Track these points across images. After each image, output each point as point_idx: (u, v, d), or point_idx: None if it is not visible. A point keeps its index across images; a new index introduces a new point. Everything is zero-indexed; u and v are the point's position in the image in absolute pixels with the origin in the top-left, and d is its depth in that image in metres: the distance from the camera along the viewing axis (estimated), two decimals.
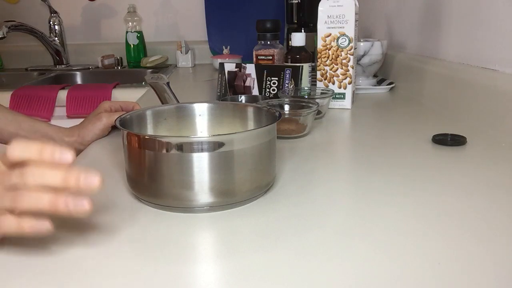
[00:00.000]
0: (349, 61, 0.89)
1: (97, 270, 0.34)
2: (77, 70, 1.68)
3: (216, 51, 1.77)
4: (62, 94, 1.22)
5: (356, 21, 0.87)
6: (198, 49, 1.80)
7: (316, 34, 0.90)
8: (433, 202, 0.45)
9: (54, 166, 0.34)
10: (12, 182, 0.34)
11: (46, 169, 0.34)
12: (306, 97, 0.85)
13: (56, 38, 1.71)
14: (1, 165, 0.36)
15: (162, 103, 0.65)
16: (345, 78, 0.90)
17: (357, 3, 0.87)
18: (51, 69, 1.68)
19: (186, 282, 0.33)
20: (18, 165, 0.35)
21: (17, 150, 0.35)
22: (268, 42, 1.04)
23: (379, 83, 1.13)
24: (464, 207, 0.44)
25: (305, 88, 0.89)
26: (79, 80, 1.67)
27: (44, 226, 0.34)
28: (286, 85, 0.88)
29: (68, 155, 0.35)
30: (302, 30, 1.44)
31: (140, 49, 1.74)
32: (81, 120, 0.74)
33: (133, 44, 1.73)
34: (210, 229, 0.41)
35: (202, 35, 1.82)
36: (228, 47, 1.66)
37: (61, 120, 1.20)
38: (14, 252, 0.37)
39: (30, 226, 0.34)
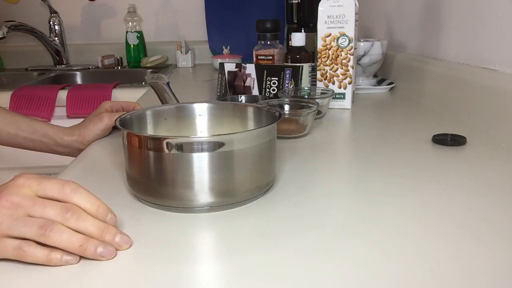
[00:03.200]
0: (349, 61, 0.89)
1: (97, 270, 0.34)
2: (77, 70, 1.68)
3: (216, 51, 1.77)
4: (62, 94, 1.22)
5: (356, 21, 0.87)
6: (198, 49, 1.80)
7: (316, 34, 0.90)
8: (433, 202, 0.45)
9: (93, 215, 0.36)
10: (45, 214, 0.34)
11: (89, 217, 0.36)
12: (306, 97, 0.85)
13: (56, 38, 1.71)
14: (30, 190, 0.35)
15: (162, 103, 0.65)
16: (345, 78, 0.90)
17: (357, 3, 0.87)
18: (51, 69, 1.68)
19: (186, 282, 0.33)
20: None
21: (79, 195, 0.36)
22: (268, 42, 1.04)
23: (379, 83, 1.13)
24: (464, 207, 0.44)
25: (305, 88, 0.89)
26: (79, 80, 1.67)
27: (72, 259, 0.35)
28: (286, 85, 0.88)
29: (115, 219, 0.38)
30: (302, 30, 1.44)
31: (140, 49, 1.74)
32: (81, 120, 0.74)
33: (133, 44, 1.73)
34: (210, 229, 0.41)
35: (202, 35, 1.82)
36: (228, 47, 1.66)
37: (61, 120, 1.20)
38: None
39: (59, 259, 0.34)
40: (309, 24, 1.49)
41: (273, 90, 0.89)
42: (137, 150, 0.44)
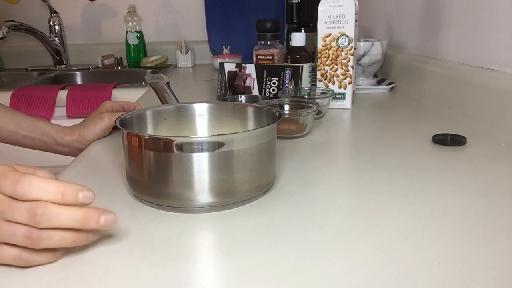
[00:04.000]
0: (349, 61, 0.89)
1: (96, 270, 0.34)
2: (77, 70, 1.68)
3: (216, 51, 1.77)
4: (62, 94, 1.22)
5: (356, 21, 0.87)
6: (198, 49, 1.80)
7: (316, 34, 0.90)
8: (433, 202, 0.45)
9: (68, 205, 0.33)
10: (19, 219, 0.32)
11: (62, 211, 0.33)
12: (306, 97, 0.85)
13: (56, 38, 1.71)
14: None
15: (162, 103, 0.65)
16: (345, 78, 0.89)
17: (357, 3, 0.87)
18: (51, 69, 1.68)
19: (186, 282, 0.33)
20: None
21: (35, 189, 0.32)
22: (268, 42, 1.04)
23: (379, 83, 1.13)
24: (464, 207, 0.44)
25: (305, 88, 0.89)
26: (79, 80, 1.67)
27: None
28: (286, 85, 0.88)
29: (90, 194, 0.34)
30: (302, 30, 1.44)
31: (140, 49, 1.74)
32: (81, 120, 0.74)
33: (133, 44, 1.73)
34: (210, 229, 0.41)
35: (202, 35, 1.82)
36: (228, 47, 1.66)
37: (61, 120, 1.20)
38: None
39: (31, 261, 0.34)
40: (309, 24, 1.49)
41: (273, 90, 0.89)
42: (137, 150, 0.44)
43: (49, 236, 0.33)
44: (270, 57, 1.03)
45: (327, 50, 0.89)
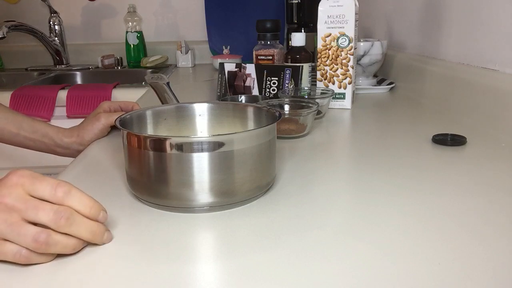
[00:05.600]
0: (349, 61, 0.89)
1: (97, 270, 0.34)
2: (77, 70, 1.68)
3: (216, 51, 1.77)
4: (62, 94, 1.22)
5: (356, 21, 0.87)
6: (198, 49, 1.80)
7: (316, 34, 0.90)
8: (433, 202, 0.45)
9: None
10: (42, 219, 0.34)
11: (82, 221, 0.36)
12: (306, 97, 0.85)
13: (56, 38, 1.71)
14: (22, 190, 0.35)
15: (162, 103, 0.65)
16: (345, 78, 0.89)
17: (357, 3, 0.87)
18: (51, 69, 1.68)
19: (186, 282, 0.33)
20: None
21: (72, 197, 0.36)
22: (268, 42, 1.04)
23: (379, 83, 1.13)
24: (464, 207, 0.44)
25: (305, 88, 0.89)
26: (79, 80, 1.67)
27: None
28: (286, 85, 0.88)
29: (106, 216, 0.38)
30: (302, 30, 1.44)
31: (140, 49, 1.74)
32: (81, 120, 0.74)
33: (133, 44, 1.73)
34: (210, 229, 0.41)
35: (202, 35, 1.82)
36: (228, 47, 1.66)
37: (61, 120, 1.20)
38: None
39: (31, 260, 0.35)
40: (309, 24, 1.49)
41: (273, 90, 0.89)
42: (137, 150, 0.44)
43: (55, 242, 0.34)
44: (270, 57, 1.03)
45: (327, 50, 0.89)
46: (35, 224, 0.34)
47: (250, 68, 0.91)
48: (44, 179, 0.36)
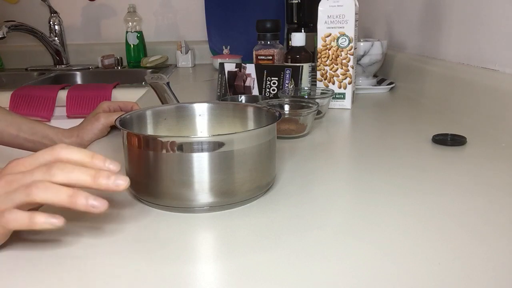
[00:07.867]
0: (349, 61, 0.89)
1: (97, 270, 0.34)
2: (77, 70, 1.68)
3: (216, 51, 1.77)
4: (62, 94, 1.22)
5: (356, 21, 0.87)
6: (198, 49, 1.80)
7: (316, 34, 0.90)
8: (433, 202, 0.45)
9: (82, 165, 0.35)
10: (34, 178, 0.34)
11: (76, 167, 0.35)
12: (306, 97, 0.85)
13: (56, 38, 1.71)
14: (23, 167, 0.36)
15: (162, 103, 0.65)
16: (345, 78, 0.89)
17: (357, 3, 0.87)
18: (51, 69, 1.68)
19: (186, 282, 0.33)
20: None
21: (65, 152, 0.36)
22: (268, 42, 1.04)
23: (379, 83, 1.13)
24: (464, 207, 0.44)
25: (305, 88, 0.89)
26: (79, 80, 1.67)
27: (57, 221, 0.34)
28: (286, 85, 0.88)
29: (117, 163, 0.36)
30: (302, 30, 1.44)
31: (140, 49, 1.74)
32: (81, 120, 0.74)
33: (133, 44, 1.73)
34: (210, 229, 0.41)
35: (202, 35, 1.82)
36: (228, 47, 1.66)
37: (61, 120, 1.20)
38: (16, 251, 0.37)
39: (43, 222, 0.33)
40: (309, 24, 1.49)
41: (273, 90, 0.89)
42: (137, 150, 0.44)
43: (45, 187, 0.33)
44: (270, 57, 1.03)
45: (327, 50, 0.89)
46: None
47: (250, 68, 0.91)
48: (32, 156, 0.36)
